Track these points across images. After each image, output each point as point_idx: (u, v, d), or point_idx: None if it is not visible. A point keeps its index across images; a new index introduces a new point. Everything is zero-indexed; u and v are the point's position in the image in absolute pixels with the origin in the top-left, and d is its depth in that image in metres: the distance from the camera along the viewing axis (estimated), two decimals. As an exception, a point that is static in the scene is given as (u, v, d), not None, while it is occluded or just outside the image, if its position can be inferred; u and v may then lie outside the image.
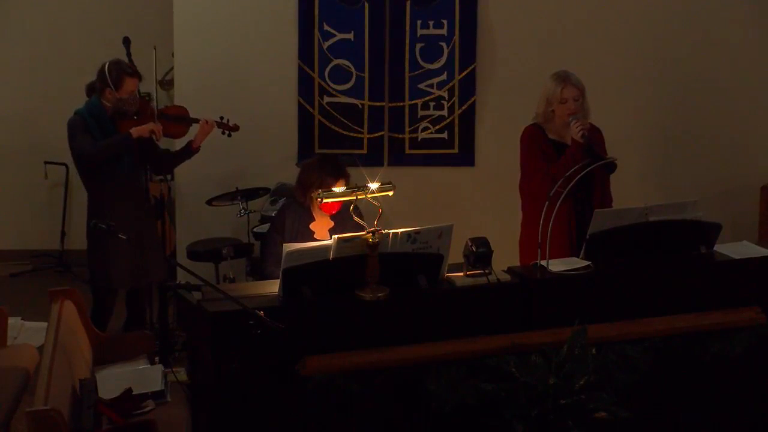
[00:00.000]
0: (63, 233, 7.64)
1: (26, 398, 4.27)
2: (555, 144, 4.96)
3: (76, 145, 5.23)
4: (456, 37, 6.37)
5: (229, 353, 3.77)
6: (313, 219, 4.94)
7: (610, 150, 5.04)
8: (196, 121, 5.46)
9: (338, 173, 4.88)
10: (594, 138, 4.90)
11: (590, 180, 4.83)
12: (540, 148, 4.93)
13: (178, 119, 5.45)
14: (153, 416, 4.20)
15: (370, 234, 3.89)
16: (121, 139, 5.22)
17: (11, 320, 5.17)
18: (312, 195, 4.87)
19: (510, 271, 4.32)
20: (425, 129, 6.43)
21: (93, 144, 5.20)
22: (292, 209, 4.97)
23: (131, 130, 5.21)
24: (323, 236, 4.91)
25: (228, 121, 5.53)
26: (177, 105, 5.74)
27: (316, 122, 6.38)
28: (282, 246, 4.85)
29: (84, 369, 4.21)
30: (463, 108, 6.43)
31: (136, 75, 5.31)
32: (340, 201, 4.78)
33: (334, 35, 6.32)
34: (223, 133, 5.56)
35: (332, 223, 4.94)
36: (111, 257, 5.31)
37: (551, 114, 4.94)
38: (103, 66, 5.28)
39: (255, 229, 5.93)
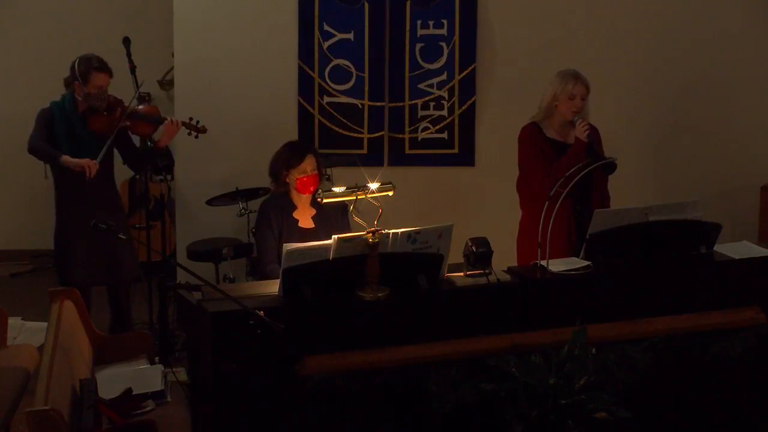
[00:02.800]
0: (63, 233, 7.62)
1: (26, 398, 4.27)
2: (554, 143, 4.96)
3: (29, 137, 5.35)
4: (456, 37, 6.37)
5: (229, 353, 3.77)
6: (294, 207, 4.98)
7: (610, 150, 5.04)
8: (164, 120, 5.46)
9: (302, 150, 4.97)
10: (594, 138, 4.90)
11: (589, 180, 4.83)
12: (539, 147, 4.93)
13: (146, 118, 5.45)
14: (153, 416, 4.20)
15: (370, 234, 3.89)
16: (52, 155, 5.30)
17: (11, 320, 5.17)
18: (286, 180, 4.93)
19: (510, 271, 4.32)
20: (425, 129, 6.43)
21: (34, 141, 5.32)
22: (273, 203, 5.02)
23: (63, 158, 5.25)
24: (307, 224, 4.98)
25: (198, 122, 5.51)
26: (149, 105, 5.74)
27: (316, 122, 6.38)
28: (276, 241, 4.90)
29: (84, 369, 4.21)
30: (463, 108, 6.43)
31: (105, 70, 5.30)
32: (315, 179, 4.86)
33: (334, 35, 6.32)
34: (190, 134, 5.53)
35: (314, 211, 4.99)
36: (69, 252, 5.31)
37: (553, 109, 4.94)
38: (74, 60, 5.31)
39: (255, 230, 5.92)
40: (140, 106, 5.51)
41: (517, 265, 4.63)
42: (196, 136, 5.55)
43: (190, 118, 5.50)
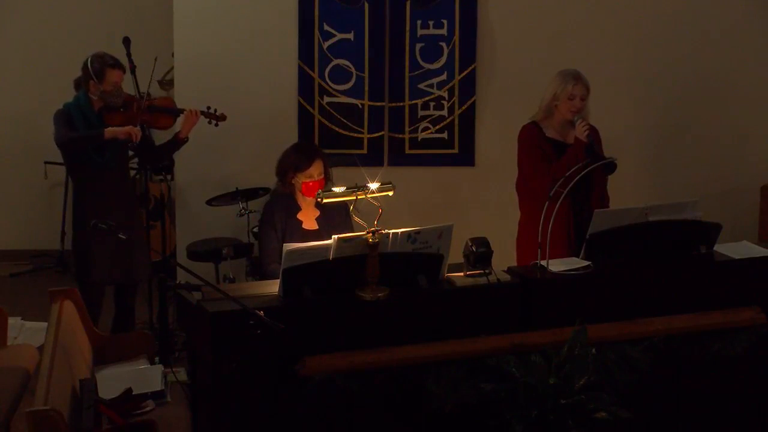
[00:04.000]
0: (63, 233, 7.63)
1: (26, 398, 4.27)
2: (553, 143, 4.96)
3: (55, 135, 5.29)
4: (456, 37, 6.37)
5: (229, 353, 3.77)
6: (299, 208, 4.98)
7: (610, 150, 5.05)
8: (183, 111, 5.47)
9: (311, 154, 4.95)
10: (594, 138, 4.90)
11: (588, 180, 4.83)
12: (539, 147, 4.93)
13: (164, 111, 5.46)
14: (153, 416, 4.21)
15: (370, 234, 3.89)
16: (93, 134, 5.23)
17: (11, 320, 5.17)
18: (292, 181, 4.92)
19: (510, 271, 4.32)
20: (425, 129, 6.43)
21: (63, 135, 5.23)
22: (278, 202, 5.01)
23: (106, 130, 5.21)
24: (311, 225, 4.98)
25: (215, 111, 5.52)
26: (163, 97, 5.75)
27: (316, 122, 6.38)
28: (279, 242, 4.90)
29: (84, 369, 4.21)
30: (463, 108, 6.43)
31: (119, 67, 5.31)
32: (322, 184, 4.86)
33: (334, 35, 6.32)
34: (210, 122, 5.54)
35: (318, 212, 4.98)
36: (94, 251, 5.31)
37: (553, 109, 4.94)
38: (87, 59, 5.31)
39: (255, 229, 5.92)
40: (155, 100, 5.53)
41: (517, 265, 4.63)
42: (216, 125, 5.55)
43: (208, 107, 5.51)
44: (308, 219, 4.99)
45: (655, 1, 6.49)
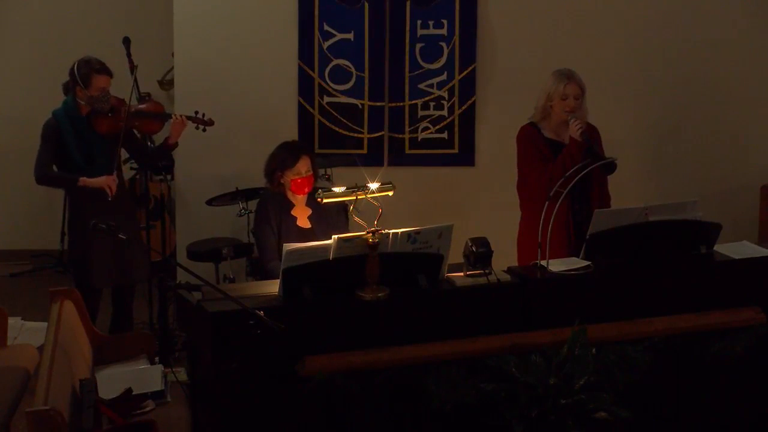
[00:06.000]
0: (63, 233, 7.62)
1: (26, 398, 4.27)
2: (551, 143, 4.96)
3: (36, 158, 5.30)
4: (456, 37, 6.37)
5: (229, 353, 3.77)
6: (292, 205, 5.00)
7: (609, 150, 5.04)
8: (170, 116, 5.46)
9: (296, 151, 4.98)
10: (592, 137, 4.90)
11: (588, 179, 4.83)
12: (536, 147, 4.93)
13: (152, 116, 5.45)
14: (153, 416, 4.21)
15: (370, 234, 3.89)
16: (68, 181, 5.28)
17: (11, 320, 5.17)
18: (281, 181, 4.95)
19: (510, 271, 4.32)
20: (425, 129, 6.44)
21: (42, 168, 5.26)
22: (271, 199, 5.04)
23: (80, 180, 5.24)
24: (304, 223, 5.01)
25: (203, 115, 5.48)
26: (153, 101, 5.75)
27: (316, 122, 6.38)
28: (276, 237, 4.92)
29: (84, 369, 4.21)
30: (463, 108, 6.43)
31: (106, 72, 5.30)
32: (311, 181, 4.87)
33: (334, 35, 6.32)
34: (197, 127, 5.51)
35: (310, 210, 5.02)
36: (92, 255, 5.31)
37: (549, 109, 4.94)
38: (73, 65, 5.30)
39: (254, 226, 5.93)
40: (143, 105, 5.52)
41: (517, 265, 4.63)
42: (204, 130, 5.52)
43: (196, 112, 5.49)
44: (301, 217, 5.01)
45: (655, 2, 6.49)
